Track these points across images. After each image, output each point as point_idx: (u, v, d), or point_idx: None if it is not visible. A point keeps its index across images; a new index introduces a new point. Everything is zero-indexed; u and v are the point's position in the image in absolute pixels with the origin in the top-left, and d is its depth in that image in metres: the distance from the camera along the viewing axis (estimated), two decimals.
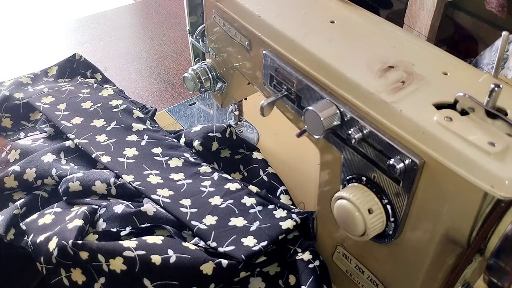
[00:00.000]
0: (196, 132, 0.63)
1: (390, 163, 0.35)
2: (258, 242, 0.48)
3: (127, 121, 0.64)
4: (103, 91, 0.70)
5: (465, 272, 0.37)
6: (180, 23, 1.00)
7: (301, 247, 0.49)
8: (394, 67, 0.39)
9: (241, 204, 0.54)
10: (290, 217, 0.51)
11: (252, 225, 0.51)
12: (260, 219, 0.52)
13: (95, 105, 0.67)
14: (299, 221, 0.50)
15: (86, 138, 0.61)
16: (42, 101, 0.68)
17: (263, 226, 0.51)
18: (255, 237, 0.49)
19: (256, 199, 0.54)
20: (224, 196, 0.54)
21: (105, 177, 0.54)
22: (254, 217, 0.52)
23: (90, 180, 0.54)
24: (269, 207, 0.54)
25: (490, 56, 0.76)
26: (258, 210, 0.53)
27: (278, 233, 0.49)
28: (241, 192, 0.55)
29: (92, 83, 0.72)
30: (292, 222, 0.50)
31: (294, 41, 0.43)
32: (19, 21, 2.03)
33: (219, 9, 0.51)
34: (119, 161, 0.58)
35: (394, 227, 0.39)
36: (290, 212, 0.52)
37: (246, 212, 0.53)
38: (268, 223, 0.51)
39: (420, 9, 0.97)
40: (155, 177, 0.56)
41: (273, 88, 0.46)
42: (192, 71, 0.60)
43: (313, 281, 0.46)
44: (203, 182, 0.56)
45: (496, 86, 0.32)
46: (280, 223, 0.50)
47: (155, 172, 0.57)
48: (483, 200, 0.31)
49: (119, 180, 0.55)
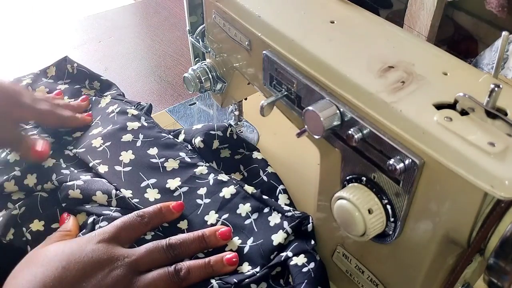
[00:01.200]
0: (197, 129, 0.63)
1: (390, 163, 0.35)
2: (252, 267, 0.49)
3: (122, 121, 0.64)
4: (101, 102, 0.69)
5: (465, 272, 0.37)
6: (180, 23, 1.00)
7: (293, 251, 0.49)
8: (394, 67, 0.39)
9: (237, 216, 0.54)
10: (282, 227, 0.51)
11: (246, 245, 0.51)
12: (255, 232, 0.52)
13: (95, 119, 0.66)
14: (290, 232, 0.50)
15: (83, 146, 0.61)
16: None
17: (257, 243, 0.51)
18: (250, 263, 0.49)
19: (252, 204, 0.54)
20: (219, 210, 0.54)
21: (106, 188, 0.54)
22: (249, 231, 0.52)
23: (91, 189, 0.54)
24: (264, 211, 0.54)
25: (490, 56, 0.76)
26: (254, 219, 0.53)
27: (271, 252, 0.49)
28: (236, 199, 0.55)
29: (92, 96, 0.71)
30: (284, 234, 0.50)
31: (294, 41, 0.43)
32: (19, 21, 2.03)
33: (219, 9, 0.51)
34: (116, 171, 0.57)
35: (394, 227, 0.39)
36: (284, 216, 0.52)
37: (241, 227, 0.53)
38: (262, 237, 0.51)
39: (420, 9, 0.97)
40: (152, 191, 0.56)
41: (273, 88, 0.46)
42: (192, 71, 0.60)
43: (306, 284, 0.46)
44: (199, 190, 0.56)
45: (496, 86, 0.32)
46: (272, 237, 0.50)
47: (152, 182, 0.57)
48: (483, 200, 0.31)
49: (119, 194, 0.55)
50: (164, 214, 0.52)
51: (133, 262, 0.46)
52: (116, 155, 0.59)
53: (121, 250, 0.46)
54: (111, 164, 0.58)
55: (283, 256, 0.49)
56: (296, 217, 0.51)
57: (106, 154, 0.60)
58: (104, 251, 0.45)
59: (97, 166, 0.58)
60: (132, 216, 0.50)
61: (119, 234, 0.48)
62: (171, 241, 0.48)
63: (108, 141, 0.61)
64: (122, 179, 0.57)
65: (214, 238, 0.50)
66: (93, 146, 0.60)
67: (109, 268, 0.44)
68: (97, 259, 0.44)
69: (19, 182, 0.56)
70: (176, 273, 0.46)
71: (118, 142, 0.61)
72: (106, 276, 0.44)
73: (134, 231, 0.49)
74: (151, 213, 0.51)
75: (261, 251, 0.50)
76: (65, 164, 0.59)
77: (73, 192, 0.54)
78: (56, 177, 0.56)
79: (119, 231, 0.48)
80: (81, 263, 0.44)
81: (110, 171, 0.57)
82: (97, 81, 0.74)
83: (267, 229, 0.52)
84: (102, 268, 0.44)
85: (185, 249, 0.49)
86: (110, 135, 0.62)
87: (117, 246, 0.47)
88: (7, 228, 0.52)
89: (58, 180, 0.56)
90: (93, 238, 0.46)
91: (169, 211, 0.52)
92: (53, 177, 0.56)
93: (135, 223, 0.49)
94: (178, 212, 0.53)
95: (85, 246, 0.45)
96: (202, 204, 0.55)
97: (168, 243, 0.48)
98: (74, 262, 0.44)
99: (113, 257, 0.45)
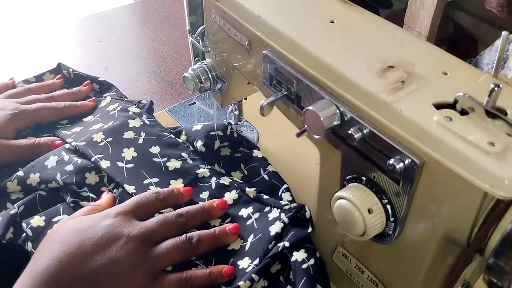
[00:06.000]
0: (197, 131, 0.63)
1: (390, 163, 0.35)
2: (252, 261, 0.49)
3: (123, 118, 0.64)
4: (102, 102, 0.70)
5: (465, 272, 0.37)
6: (180, 23, 1.00)
7: (290, 240, 0.49)
8: (394, 67, 0.39)
9: (239, 218, 0.54)
10: (279, 218, 0.51)
11: (247, 242, 0.51)
12: (255, 229, 0.52)
13: (94, 117, 0.67)
14: (287, 221, 0.51)
15: (83, 140, 0.61)
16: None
17: (256, 238, 0.51)
18: (250, 257, 0.50)
19: (254, 207, 0.55)
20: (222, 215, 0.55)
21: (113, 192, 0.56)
22: (250, 230, 0.53)
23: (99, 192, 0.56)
24: (265, 210, 0.54)
25: (490, 56, 0.76)
26: (255, 219, 0.53)
27: (268, 242, 0.50)
28: (238, 205, 0.55)
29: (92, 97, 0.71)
30: (280, 224, 0.51)
31: (294, 41, 0.43)
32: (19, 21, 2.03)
33: (219, 9, 0.51)
34: (119, 167, 0.58)
35: (394, 227, 0.39)
36: (281, 211, 0.52)
37: (243, 228, 0.53)
38: (261, 231, 0.51)
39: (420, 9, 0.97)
40: (155, 188, 0.56)
41: (273, 88, 0.46)
42: (192, 71, 0.60)
43: (305, 281, 0.46)
44: (201, 193, 0.57)
45: (496, 86, 0.32)
46: (270, 229, 0.51)
47: (155, 181, 0.57)
48: (483, 200, 0.31)
49: (120, 190, 0.55)
50: (177, 196, 0.54)
51: (146, 234, 0.47)
52: (118, 151, 0.60)
53: (135, 222, 0.48)
54: (113, 160, 0.58)
55: (280, 246, 0.49)
56: (292, 208, 0.52)
57: (108, 149, 0.60)
58: (120, 223, 0.47)
59: (99, 161, 0.58)
60: (148, 193, 0.52)
61: (137, 208, 0.50)
62: (178, 211, 0.51)
63: (109, 136, 0.61)
64: (125, 175, 0.57)
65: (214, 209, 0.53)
66: (94, 141, 0.60)
67: (123, 241, 0.45)
68: (112, 232, 0.46)
69: (22, 182, 0.56)
70: (188, 240, 0.48)
71: (120, 139, 0.61)
72: (120, 249, 0.45)
73: (150, 206, 0.51)
74: (166, 192, 0.53)
75: (260, 244, 0.50)
76: (67, 156, 0.59)
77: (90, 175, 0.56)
78: (61, 177, 0.56)
79: (136, 205, 0.50)
80: (96, 238, 0.45)
81: (112, 167, 0.57)
82: (96, 83, 0.74)
83: (266, 223, 0.52)
84: (117, 240, 0.45)
85: (191, 216, 0.51)
86: (112, 130, 0.62)
87: (133, 219, 0.48)
88: (6, 227, 0.52)
89: (63, 180, 0.56)
90: (111, 213, 0.48)
91: (180, 194, 0.54)
92: (58, 177, 0.56)
93: (151, 199, 0.51)
94: (188, 196, 0.55)
95: (101, 221, 0.47)
96: None
97: (176, 212, 0.51)
98: (89, 237, 0.45)
99: (127, 229, 0.46)
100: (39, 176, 0.56)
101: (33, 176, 0.56)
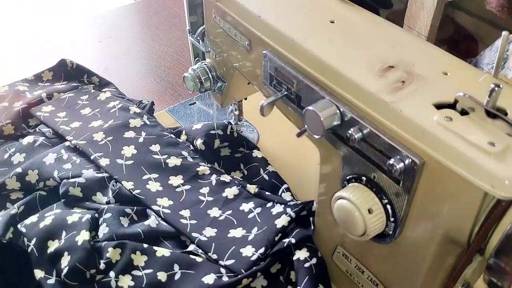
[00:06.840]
0: (197, 130, 0.63)
1: (390, 163, 0.35)
2: (256, 250, 0.49)
3: (124, 118, 0.64)
4: (100, 95, 0.70)
5: (465, 272, 0.37)
6: (180, 23, 1.00)
7: (295, 237, 0.49)
8: (394, 67, 0.39)
9: (240, 212, 0.54)
10: (285, 212, 0.52)
11: (251, 234, 0.51)
12: (258, 223, 0.52)
13: (93, 111, 0.67)
14: (293, 216, 0.51)
15: (84, 139, 0.61)
16: (42, 110, 0.68)
17: (261, 230, 0.51)
18: (254, 245, 0.50)
19: (255, 202, 0.54)
20: (222, 207, 0.55)
21: (106, 191, 0.55)
22: (252, 223, 0.53)
23: (91, 189, 0.55)
24: (267, 205, 0.54)
25: (490, 56, 0.76)
26: (257, 213, 0.53)
27: (275, 234, 0.50)
28: (239, 199, 0.55)
29: (90, 89, 0.72)
30: (287, 217, 0.51)
31: (294, 41, 0.42)
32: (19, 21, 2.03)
33: (219, 9, 0.51)
34: (118, 164, 0.58)
35: (394, 227, 0.39)
36: (286, 206, 0.53)
37: (245, 220, 0.53)
38: (265, 225, 0.51)
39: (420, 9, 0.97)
40: (155, 183, 0.56)
41: (273, 88, 0.46)
42: (192, 71, 0.60)
43: (308, 280, 0.46)
44: (201, 189, 0.57)
45: (496, 86, 0.32)
46: (275, 222, 0.51)
47: (154, 176, 0.57)
48: (483, 200, 0.31)
49: (118, 186, 0.55)
50: None
51: None
52: (118, 149, 0.60)
53: None
54: (113, 158, 0.58)
55: (286, 242, 0.49)
56: (299, 204, 0.52)
57: (108, 148, 0.60)
58: None
59: (98, 159, 0.58)
60: None
61: None
62: None
63: (110, 136, 0.61)
64: (124, 171, 0.57)
65: None
66: (95, 140, 0.61)
67: None
68: None
69: (20, 179, 0.56)
70: None
71: (120, 138, 0.61)
72: None
73: None
74: None
75: (266, 235, 0.50)
76: (66, 154, 0.59)
77: (74, 189, 0.54)
78: (58, 174, 0.56)
79: None
80: None
81: (111, 164, 0.58)
82: (96, 77, 0.75)
83: (270, 217, 0.52)
84: None
85: None
86: (112, 129, 0.62)
87: None
88: (6, 227, 0.52)
89: (60, 176, 0.56)
90: None
91: None
92: (55, 174, 0.56)
93: None
94: None
95: None
96: (205, 200, 0.55)
97: None
98: None
99: None
100: (37, 173, 0.56)
101: (32, 173, 0.56)
